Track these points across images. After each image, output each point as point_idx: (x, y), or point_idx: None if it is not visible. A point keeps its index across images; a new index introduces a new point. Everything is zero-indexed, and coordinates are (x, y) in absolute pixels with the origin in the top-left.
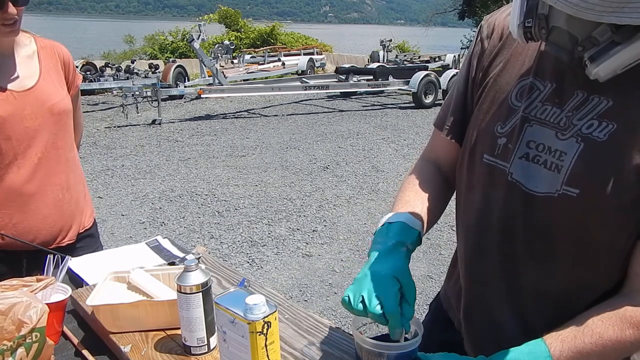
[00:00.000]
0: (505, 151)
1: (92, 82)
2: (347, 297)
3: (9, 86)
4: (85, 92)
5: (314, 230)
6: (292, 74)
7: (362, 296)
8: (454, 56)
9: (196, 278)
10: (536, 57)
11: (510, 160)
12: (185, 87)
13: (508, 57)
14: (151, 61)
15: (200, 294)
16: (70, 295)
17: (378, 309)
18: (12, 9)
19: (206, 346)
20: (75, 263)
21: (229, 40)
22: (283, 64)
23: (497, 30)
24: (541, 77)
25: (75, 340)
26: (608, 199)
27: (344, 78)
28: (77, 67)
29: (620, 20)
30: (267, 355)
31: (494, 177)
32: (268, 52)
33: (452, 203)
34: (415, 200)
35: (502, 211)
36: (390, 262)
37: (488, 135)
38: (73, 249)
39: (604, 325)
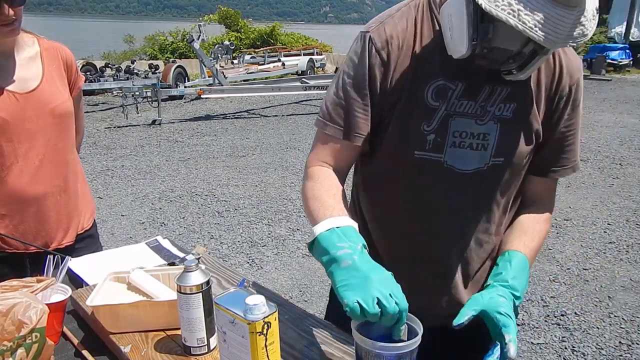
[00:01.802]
0: (436, 145)
1: (92, 82)
2: (355, 304)
3: (12, 88)
4: (85, 93)
5: None
6: (292, 74)
7: (377, 299)
8: None
9: (196, 278)
10: (441, 62)
11: (443, 151)
12: (185, 87)
13: (414, 64)
14: (151, 61)
15: (200, 294)
16: (70, 296)
17: (396, 308)
18: (8, 10)
19: (206, 346)
20: (75, 263)
21: (229, 40)
22: (283, 64)
23: (394, 40)
24: (451, 78)
25: (75, 341)
26: (523, 158)
27: None
28: (78, 68)
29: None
30: (267, 356)
31: (430, 167)
32: (268, 53)
33: None
34: (339, 205)
35: (444, 190)
36: (375, 263)
37: (415, 135)
38: (73, 250)
39: (537, 226)
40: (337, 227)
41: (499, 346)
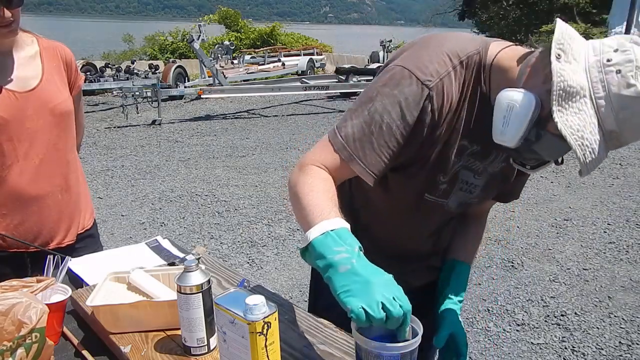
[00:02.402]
0: (445, 192)
1: (92, 82)
2: (361, 310)
3: (11, 87)
4: (85, 93)
5: None
6: (292, 74)
7: (382, 303)
8: None
9: (196, 278)
10: (471, 124)
11: (448, 197)
12: (185, 87)
13: (453, 124)
14: (151, 62)
15: (200, 294)
16: (70, 296)
17: (401, 311)
18: (6, 12)
19: (206, 346)
20: (75, 263)
21: (229, 40)
22: (283, 64)
23: (447, 102)
24: (472, 141)
25: (75, 341)
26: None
27: (344, 78)
28: (77, 67)
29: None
30: (267, 356)
31: (432, 206)
32: (268, 53)
33: None
34: (334, 208)
35: (436, 221)
36: (374, 266)
37: (432, 182)
38: (73, 250)
39: (477, 234)
40: (332, 230)
41: None
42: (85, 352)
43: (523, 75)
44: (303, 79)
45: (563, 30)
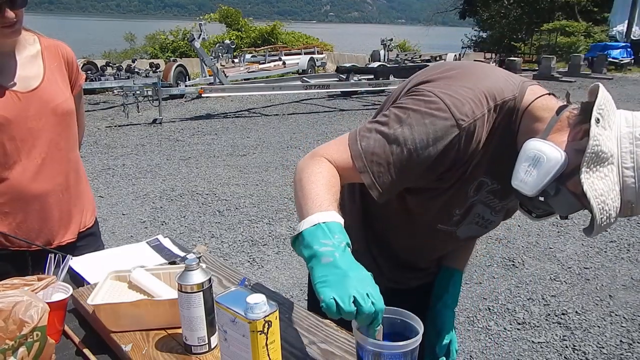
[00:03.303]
0: (457, 222)
1: (93, 81)
2: (332, 300)
3: (14, 87)
4: (86, 92)
5: None
6: (292, 73)
7: (354, 297)
8: (455, 55)
9: (197, 277)
10: (494, 164)
11: (458, 227)
12: (186, 86)
13: (476, 161)
14: (152, 60)
15: (201, 293)
16: (71, 295)
17: (372, 308)
18: (9, 13)
19: (207, 345)
20: (76, 262)
21: (230, 39)
22: (284, 63)
23: (475, 142)
24: (491, 177)
25: (77, 340)
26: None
27: (344, 77)
28: (79, 66)
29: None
30: (268, 355)
31: (444, 234)
32: (269, 52)
33: None
34: (334, 203)
35: (444, 246)
36: (356, 262)
37: (447, 215)
38: (74, 248)
39: (472, 243)
40: (324, 223)
41: None
42: (86, 351)
43: (552, 127)
44: (304, 78)
45: (605, 96)
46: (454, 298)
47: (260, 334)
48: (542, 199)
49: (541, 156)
